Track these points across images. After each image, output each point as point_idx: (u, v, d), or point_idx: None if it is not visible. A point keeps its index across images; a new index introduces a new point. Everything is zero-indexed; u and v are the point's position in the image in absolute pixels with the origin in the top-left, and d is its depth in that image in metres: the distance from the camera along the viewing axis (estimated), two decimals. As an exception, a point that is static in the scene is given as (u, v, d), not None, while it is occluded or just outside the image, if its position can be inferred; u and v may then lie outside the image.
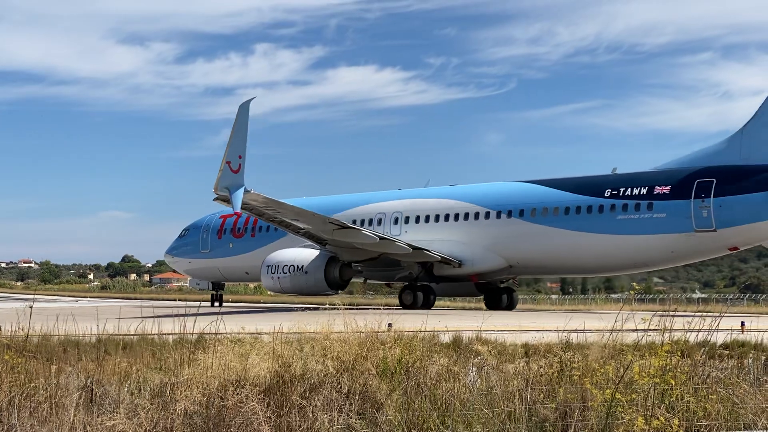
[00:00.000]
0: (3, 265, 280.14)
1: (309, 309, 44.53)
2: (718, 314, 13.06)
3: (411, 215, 54.53)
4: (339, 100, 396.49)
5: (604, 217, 46.85)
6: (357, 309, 28.61)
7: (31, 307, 15.54)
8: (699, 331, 13.78)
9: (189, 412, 10.63)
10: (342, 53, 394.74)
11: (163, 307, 28.95)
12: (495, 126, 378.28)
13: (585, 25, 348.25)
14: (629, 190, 46.43)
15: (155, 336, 17.83)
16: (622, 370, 10.67)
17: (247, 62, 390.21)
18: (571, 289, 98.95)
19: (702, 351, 13.35)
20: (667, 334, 11.82)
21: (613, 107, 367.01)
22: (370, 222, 55.71)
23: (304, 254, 54.12)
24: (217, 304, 59.64)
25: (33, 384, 11.41)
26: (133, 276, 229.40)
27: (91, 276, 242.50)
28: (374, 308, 17.20)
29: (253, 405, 10.57)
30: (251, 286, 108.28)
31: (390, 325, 16.96)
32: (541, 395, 10.99)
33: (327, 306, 16.88)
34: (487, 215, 51.36)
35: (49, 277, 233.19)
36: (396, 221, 55.01)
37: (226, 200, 44.60)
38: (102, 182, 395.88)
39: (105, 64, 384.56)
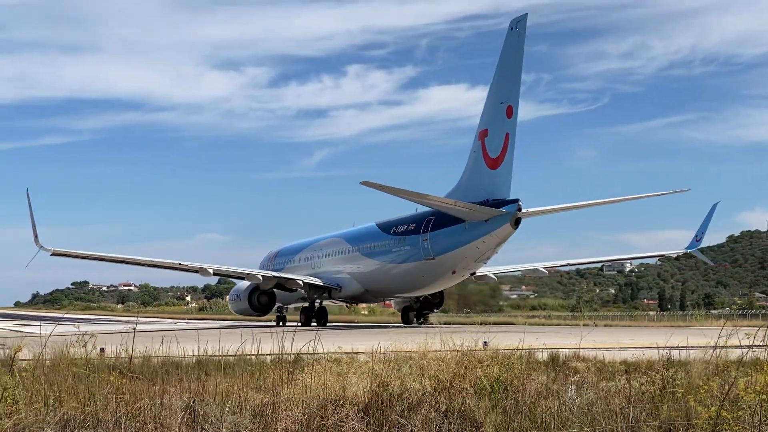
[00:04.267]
0: (104, 288, 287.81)
1: (401, 328, 44.45)
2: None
3: (325, 251, 67.23)
4: (430, 119, 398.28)
5: (387, 250, 57.91)
6: (452, 327, 28.50)
7: (134, 330, 15.98)
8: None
9: (290, 431, 10.75)
10: (433, 72, 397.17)
11: (259, 327, 29.40)
12: (588, 141, 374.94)
13: (679, 37, 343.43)
14: (401, 227, 57.01)
15: (253, 356, 18.03)
16: (727, 387, 10.41)
17: (339, 84, 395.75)
18: (669, 306, 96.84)
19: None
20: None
21: (710, 120, 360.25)
22: (309, 258, 69.23)
23: (246, 284, 66.37)
24: (281, 323, 67.01)
25: (138, 404, 11.65)
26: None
27: (188, 298, 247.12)
28: (469, 326, 17.13)
29: (353, 423, 10.63)
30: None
31: (486, 343, 16.90)
32: (644, 413, 10.77)
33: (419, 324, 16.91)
34: (349, 251, 63.43)
35: (149, 299, 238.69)
36: (320, 256, 67.67)
37: (60, 254, 58.05)
38: (199, 205, 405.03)
39: (200, 89, 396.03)
